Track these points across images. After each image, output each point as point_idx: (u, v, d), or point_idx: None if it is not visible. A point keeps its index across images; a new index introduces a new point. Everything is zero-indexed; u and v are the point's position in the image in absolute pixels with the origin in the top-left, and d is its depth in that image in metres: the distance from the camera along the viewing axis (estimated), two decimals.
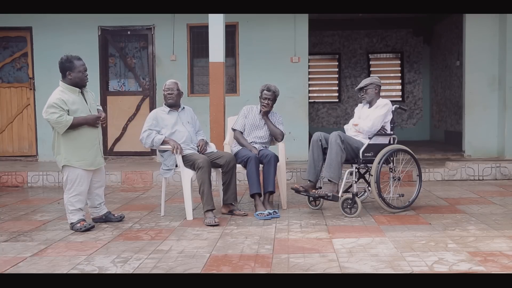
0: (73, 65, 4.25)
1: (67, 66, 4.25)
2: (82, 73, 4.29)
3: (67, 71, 4.25)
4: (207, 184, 4.48)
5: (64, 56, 4.31)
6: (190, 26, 8.13)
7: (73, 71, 4.25)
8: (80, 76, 4.28)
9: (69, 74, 4.25)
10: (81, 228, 4.23)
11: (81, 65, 4.29)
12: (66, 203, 4.31)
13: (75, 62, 4.26)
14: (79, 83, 4.30)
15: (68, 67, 4.25)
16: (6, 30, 8.29)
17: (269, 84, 5.14)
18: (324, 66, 12.49)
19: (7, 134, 8.46)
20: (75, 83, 4.28)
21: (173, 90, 4.86)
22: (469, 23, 7.85)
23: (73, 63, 4.25)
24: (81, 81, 4.31)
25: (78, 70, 4.26)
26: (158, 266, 3.23)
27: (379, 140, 4.81)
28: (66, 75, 4.26)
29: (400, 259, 3.26)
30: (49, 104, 4.18)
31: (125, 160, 8.23)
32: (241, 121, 5.19)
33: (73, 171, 4.27)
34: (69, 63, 4.25)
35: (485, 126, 7.83)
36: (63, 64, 4.27)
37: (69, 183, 4.28)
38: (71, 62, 4.25)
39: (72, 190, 4.28)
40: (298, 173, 6.77)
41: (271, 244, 3.70)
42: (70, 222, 4.31)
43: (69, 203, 4.29)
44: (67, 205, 4.31)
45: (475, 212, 4.68)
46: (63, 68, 4.27)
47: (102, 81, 8.29)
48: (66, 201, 4.31)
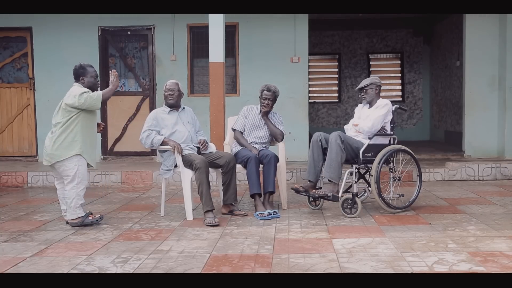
0: (86, 71, 4.55)
1: (81, 72, 4.53)
2: (94, 78, 4.57)
3: (81, 76, 4.53)
4: (205, 185, 4.48)
5: (78, 64, 4.60)
6: (190, 26, 8.13)
7: (86, 76, 4.53)
8: (92, 81, 4.55)
9: (82, 79, 4.53)
10: (93, 222, 4.38)
11: (93, 71, 4.59)
12: (74, 197, 4.31)
13: (87, 68, 4.57)
14: (92, 87, 4.54)
15: (82, 72, 4.53)
16: (6, 30, 8.29)
17: (269, 84, 5.14)
18: (324, 66, 12.49)
19: (7, 134, 8.46)
20: (88, 87, 4.51)
21: (173, 90, 4.87)
22: (469, 23, 7.85)
23: (86, 69, 4.55)
24: (94, 86, 4.57)
25: (90, 75, 4.55)
26: (158, 266, 3.23)
27: (379, 140, 4.81)
28: (80, 79, 4.53)
29: (400, 259, 3.26)
30: (78, 92, 4.37)
31: (125, 160, 8.23)
32: (241, 121, 5.19)
33: (83, 164, 4.38)
34: (82, 69, 4.54)
35: (485, 126, 7.83)
36: (77, 70, 4.55)
37: (80, 176, 4.34)
38: (84, 68, 4.55)
39: (81, 184, 4.35)
40: (298, 173, 6.77)
41: (271, 244, 3.70)
42: (77, 217, 4.32)
43: (78, 197, 4.34)
44: (74, 199, 4.31)
45: (475, 212, 4.68)
46: (77, 73, 4.54)
47: (102, 81, 8.27)
48: (74, 194, 4.31)
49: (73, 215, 4.33)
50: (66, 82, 5.07)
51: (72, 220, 4.34)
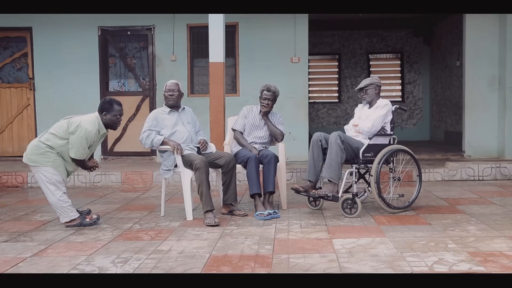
0: (113, 108, 4.41)
1: (107, 107, 4.41)
2: (116, 118, 4.44)
3: (105, 112, 4.41)
4: (205, 185, 4.48)
5: (108, 98, 4.51)
6: (190, 26, 8.13)
7: (110, 113, 4.41)
8: (114, 120, 4.43)
9: (105, 114, 4.40)
10: (91, 223, 4.36)
11: (118, 111, 4.44)
12: (57, 203, 4.28)
13: (115, 106, 4.43)
14: (111, 126, 4.47)
15: (108, 108, 4.41)
16: (6, 30, 8.30)
17: (269, 85, 5.14)
18: (324, 67, 12.49)
19: (7, 135, 8.46)
20: (106, 124, 4.44)
21: (174, 91, 4.87)
22: (469, 23, 7.85)
23: (113, 107, 4.41)
24: (113, 125, 4.48)
25: (114, 114, 4.42)
26: (158, 266, 3.23)
27: (379, 141, 4.81)
28: (102, 113, 4.41)
29: (400, 259, 3.26)
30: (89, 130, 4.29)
31: (125, 160, 8.24)
32: (241, 121, 5.19)
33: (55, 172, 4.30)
34: (109, 105, 4.41)
35: (485, 126, 7.83)
36: (104, 104, 4.43)
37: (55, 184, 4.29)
38: (111, 105, 4.42)
39: (58, 191, 4.29)
40: (298, 173, 6.77)
41: (271, 244, 3.70)
42: (70, 219, 4.31)
43: (61, 201, 4.28)
44: (59, 204, 4.28)
45: (475, 212, 4.68)
46: (103, 107, 4.42)
47: (102, 81, 8.28)
48: (56, 202, 4.28)
49: (66, 218, 4.32)
50: (66, 82, 5.16)
51: (68, 223, 4.33)
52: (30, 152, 4.34)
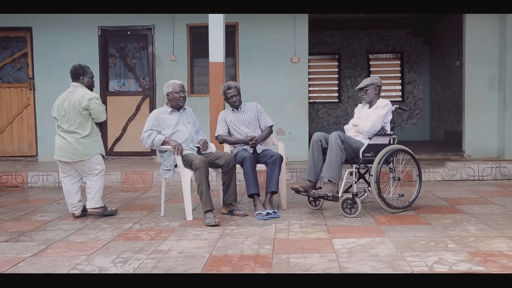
0: (86, 71, 4.83)
1: (81, 72, 4.81)
2: (92, 79, 4.87)
3: (81, 76, 4.80)
4: (205, 185, 4.48)
5: (77, 64, 4.88)
6: (190, 26, 8.13)
7: (86, 76, 4.83)
8: (91, 82, 4.86)
9: (82, 78, 4.81)
10: (112, 213, 4.79)
11: (91, 72, 4.88)
12: (100, 187, 4.76)
13: (86, 69, 4.85)
14: (90, 87, 4.85)
15: (82, 72, 4.81)
16: (6, 30, 8.30)
17: (226, 84, 5.15)
18: (324, 66, 12.49)
19: (7, 134, 8.46)
20: (87, 87, 4.81)
21: (184, 93, 4.90)
22: (469, 23, 7.85)
23: (85, 69, 4.84)
24: (91, 86, 4.88)
25: (89, 76, 4.85)
26: (158, 266, 3.23)
27: (379, 140, 4.81)
28: (80, 79, 4.80)
29: (400, 259, 3.26)
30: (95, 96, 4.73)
31: (125, 160, 8.24)
32: (220, 125, 5.17)
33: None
34: (82, 69, 4.82)
35: (485, 126, 7.83)
36: (77, 70, 4.81)
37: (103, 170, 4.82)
38: (83, 68, 4.84)
39: (103, 176, 4.82)
40: (298, 173, 6.77)
41: (271, 244, 3.70)
42: (100, 206, 4.74)
43: (102, 188, 4.79)
44: (100, 190, 4.75)
45: (475, 212, 4.68)
46: (77, 73, 4.80)
47: (102, 81, 8.28)
48: (100, 185, 4.76)
49: (97, 203, 4.73)
50: (66, 82, 5.09)
51: (94, 209, 4.70)
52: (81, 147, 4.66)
